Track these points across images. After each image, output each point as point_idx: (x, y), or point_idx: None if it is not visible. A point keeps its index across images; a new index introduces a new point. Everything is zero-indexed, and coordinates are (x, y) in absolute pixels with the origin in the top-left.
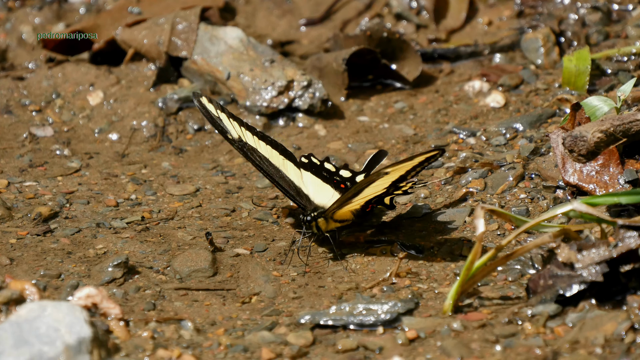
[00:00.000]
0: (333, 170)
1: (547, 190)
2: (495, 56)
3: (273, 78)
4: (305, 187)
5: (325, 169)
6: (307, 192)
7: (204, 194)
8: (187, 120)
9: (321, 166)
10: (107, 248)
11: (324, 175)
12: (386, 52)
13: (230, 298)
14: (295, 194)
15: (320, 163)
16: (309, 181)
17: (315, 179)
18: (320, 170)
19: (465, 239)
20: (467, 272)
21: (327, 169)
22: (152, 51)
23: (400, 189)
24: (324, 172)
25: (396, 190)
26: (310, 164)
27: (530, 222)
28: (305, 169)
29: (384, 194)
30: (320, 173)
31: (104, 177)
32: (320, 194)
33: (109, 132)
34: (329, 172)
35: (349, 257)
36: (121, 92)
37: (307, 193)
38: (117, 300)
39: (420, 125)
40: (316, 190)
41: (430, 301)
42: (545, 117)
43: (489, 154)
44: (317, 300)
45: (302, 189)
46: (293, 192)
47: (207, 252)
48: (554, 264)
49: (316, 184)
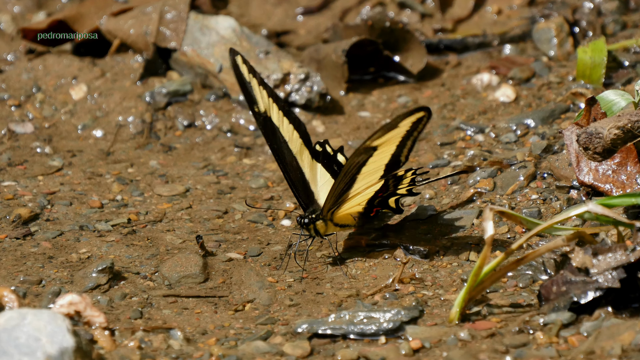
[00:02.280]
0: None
1: (560, 191)
2: (505, 47)
3: (268, 71)
4: (314, 183)
5: (338, 162)
6: (314, 189)
7: (195, 194)
8: (176, 115)
9: (334, 158)
10: (91, 252)
11: (334, 170)
12: (389, 43)
13: (222, 306)
14: (300, 190)
15: (334, 153)
16: (319, 175)
17: (325, 174)
18: (332, 163)
19: (473, 243)
20: (475, 278)
21: (340, 163)
22: (139, 42)
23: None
24: (336, 165)
25: (398, 185)
26: (323, 154)
27: (543, 224)
28: (318, 160)
29: (387, 194)
30: (330, 167)
31: (88, 177)
32: (326, 192)
33: (93, 129)
34: (341, 166)
35: (349, 262)
36: (106, 86)
37: (313, 190)
38: (101, 308)
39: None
40: (323, 188)
41: (435, 309)
42: (558, 112)
43: (498, 151)
44: (315, 308)
45: (311, 184)
46: (299, 187)
47: (198, 257)
48: (567, 269)
49: (325, 180)
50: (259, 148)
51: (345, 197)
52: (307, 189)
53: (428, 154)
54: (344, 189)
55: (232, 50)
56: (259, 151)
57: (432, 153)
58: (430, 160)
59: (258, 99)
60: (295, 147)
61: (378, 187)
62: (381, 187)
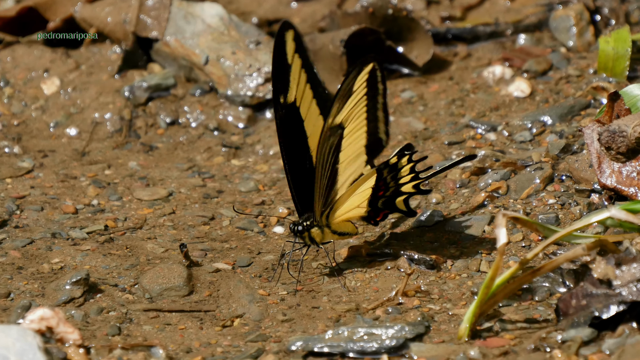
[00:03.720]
0: None
1: (580, 195)
2: (520, 37)
3: (259, 63)
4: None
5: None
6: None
7: (178, 198)
8: (158, 112)
9: None
10: (64, 262)
11: None
12: (391, 33)
13: (208, 321)
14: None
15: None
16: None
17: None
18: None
19: (485, 252)
20: (486, 290)
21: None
22: (117, 31)
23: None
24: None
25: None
26: None
27: (561, 231)
28: None
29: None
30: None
31: (61, 179)
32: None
33: (66, 126)
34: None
35: (347, 272)
36: (81, 80)
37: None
38: (76, 324)
39: (432, 118)
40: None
41: (443, 324)
42: (577, 108)
43: (512, 151)
44: (311, 324)
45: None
46: (303, 191)
47: (182, 267)
48: (588, 281)
49: None
50: (248, 148)
51: (335, 194)
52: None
53: (435, 154)
54: (328, 184)
55: (285, 23)
56: (249, 151)
57: (439, 153)
58: (437, 161)
59: (292, 86)
60: (314, 144)
61: (372, 183)
62: (377, 182)
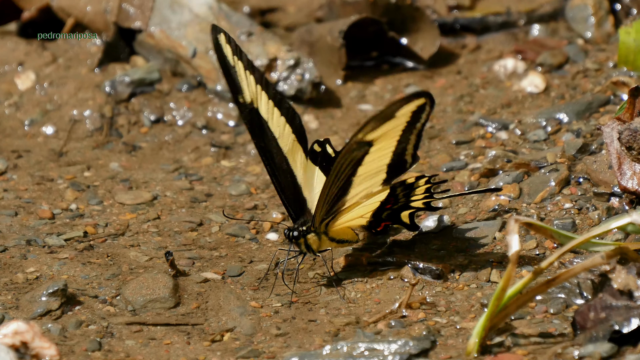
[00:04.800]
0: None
1: (598, 198)
2: (533, 28)
3: (251, 55)
4: (308, 188)
5: None
6: (307, 196)
7: (163, 203)
8: (141, 109)
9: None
10: (40, 272)
11: None
12: (395, 23)
13: (196, 335)
14: (290, 197)
15: (336, 155)
16: (315, 180)
17: (323, 179)
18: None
19: (495, 261)
20: (497, 302)
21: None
22: (97, 21)
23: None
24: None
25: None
26: (322, 156)
27: (578, 238)
28: (315, 162)
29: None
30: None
31: (37, 182)
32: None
33: (42, 124)
34: None
35: (347, 283)
36: (58, 74)
37: (307, 197)
38: (52, 338)
39: (438, 116)
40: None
41: (450, 339)
42: (596, 105)
43: (524, 152)
44: (307, 338)
45: (304, 190)
46: (290, 194)
47: (167, 277)
48: (607, 292)
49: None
50: (239, 147)
51: (341, 205)
52: (299, 195)
53: (441, 154)
54: (338, 194)
55: (214, 27)
56: (240, 151)
57: (446, 153)
58: (444, 161)
59: (244, 87)
60: (287, 145)
61: (383, 197)
62: (388, 197)
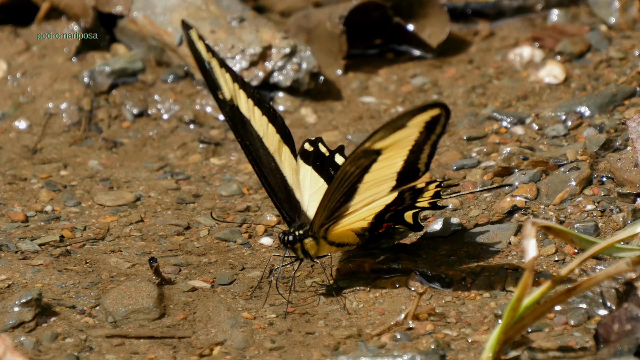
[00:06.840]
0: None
1: (623, 200)
2: (552, 12)
3: (243, 43)
4: (301, 190)
5: (336, 164)
6: (300, 198)
7: (147, 204)
8: (123, 101)
9: (330, 160)
10: (12, 280)
11: (331, 175)
12: (400, 7)
13: (183, 349)
14: (282, 199)
15: (330, 154)
16: (308, 181)
17: (317, 180)
18: (328, 165)
19: (510, 268)
20: (512, 313)
21: (339, 166)
22: (75, 6)
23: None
24: (333, 168)
25: (417, 198)
26: (315, 155)
27: (601, 243)
28: (307, 161)
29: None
30: (325, 170)
31: (8, 181)
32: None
33: (15, 119)
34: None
35: (348, 292)
36: (32, 63)
37: (299, 199)
38: (26, 352)
39: None
40: (315, 196)
41: (461, 353)
42: (621, 97)
43: (542, 148)
44: (304, 352)
45: (295, 192)
46: (281, 196)
47: (152, 286)
48: (633, 302)
49: (317, 187)
50: (230, 144)
51: (344, 210)
52: (290, 197)
53: (451, 151)
54: (340, 200)
55: (184, 23)
56: (231, 148)
57: (457, 150)
58: (454, 159)
59: (222, 84)
60: (272, 145)
61: (389, 200)
62: (394, 200)
